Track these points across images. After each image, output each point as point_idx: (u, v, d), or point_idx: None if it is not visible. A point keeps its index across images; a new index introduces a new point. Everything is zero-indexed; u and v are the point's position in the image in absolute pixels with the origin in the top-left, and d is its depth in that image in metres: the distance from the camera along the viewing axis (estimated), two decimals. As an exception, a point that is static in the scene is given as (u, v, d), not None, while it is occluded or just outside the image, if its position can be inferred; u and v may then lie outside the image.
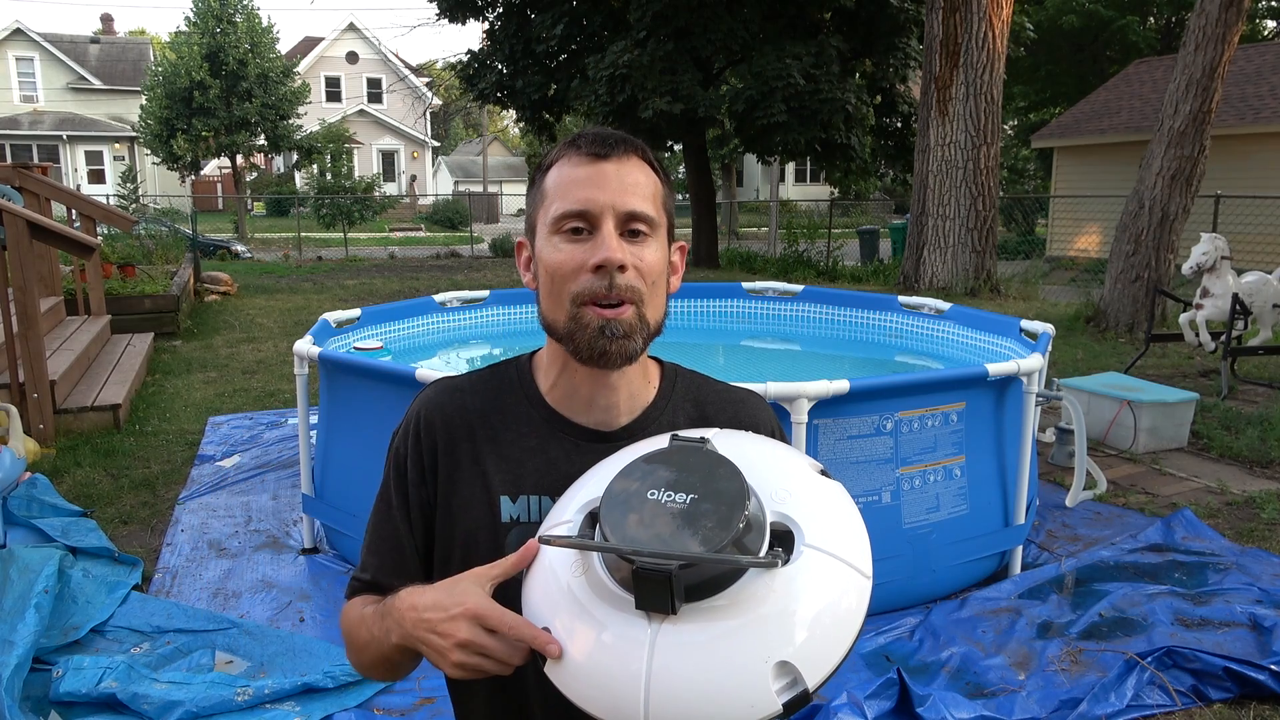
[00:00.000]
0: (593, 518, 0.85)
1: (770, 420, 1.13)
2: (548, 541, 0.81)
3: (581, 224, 0.97)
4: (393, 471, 1.09)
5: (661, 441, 0.88)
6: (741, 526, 0.76)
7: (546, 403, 1.07)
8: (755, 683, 0.74)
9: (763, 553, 0.77)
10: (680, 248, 1.09)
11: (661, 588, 0.74)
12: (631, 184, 0.98)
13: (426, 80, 37.16)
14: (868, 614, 0.80)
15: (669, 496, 0.79)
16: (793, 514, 0.81)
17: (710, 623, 0.76)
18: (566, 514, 0.89)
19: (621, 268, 0.96)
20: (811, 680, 0.75)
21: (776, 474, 0.85)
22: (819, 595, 0.77)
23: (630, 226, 0.98)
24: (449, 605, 0.87)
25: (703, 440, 0.86)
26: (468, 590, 0.87)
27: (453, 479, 1.06)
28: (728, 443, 0.89)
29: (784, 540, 0.80)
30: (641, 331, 0.99)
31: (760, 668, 0.74)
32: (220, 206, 34.41)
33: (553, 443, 1.05)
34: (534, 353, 1.13)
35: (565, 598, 0.83)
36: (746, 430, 1.09)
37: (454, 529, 1.06)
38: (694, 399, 1.11)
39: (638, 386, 1.07)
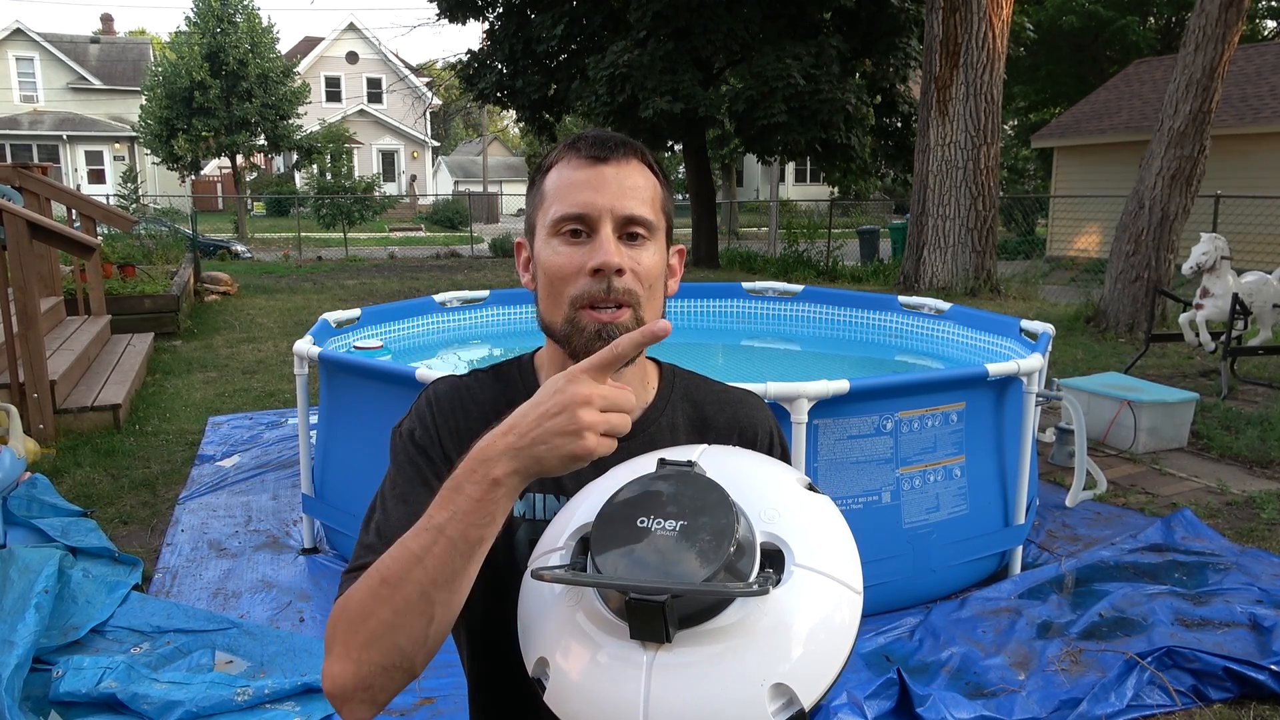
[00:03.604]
0: (585, 543, 0.85)
1: (768, 420, 1.13)
2: (540, 576, 0.81)
3: (580, 227, 0.98)
4: (411, 453, 1.03)
5: (650, 464, 0.88)
6: (732, 552, 0.77)
7: None
8: (752, 706, 0.75)
9: (754, 574, 0.78)
10: (678, 251, 1.09)
11: (655, 618, 0.75)
12: (630, 187, 0.98)
13: (426, 80, 37.16)
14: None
15: (659, 524, 0.80)
16: (782, 533, 0.82)
17: (705, 647, 0.77)
18: (559, 541, 0.89)
19: (619, 272, 0.96)
20: (807, 700, 0.76)
21: (764, 492, 0.86)
22: (811, 615, 0.78)
23: (628, 230, 0.98)
24: (563, 395, 0.83)
25: (690, 463, 0.87)
26: (568, 385, 0.84)
27: None
28: (715, 461, 0.90)
29: (774, 560, 0.81)
30: None
31: (756, 690, 0.75)
32: (220, 206, 34.41)
33: None
34: (535, 352, 1.13)
35: (561, 626, 0.83)
36: (745, 430, 1.10)
37: None
38: (692, 400, 1.11)
39: (636, 388, 1.07)
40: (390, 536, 0.91)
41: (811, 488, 0.89)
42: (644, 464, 0.90)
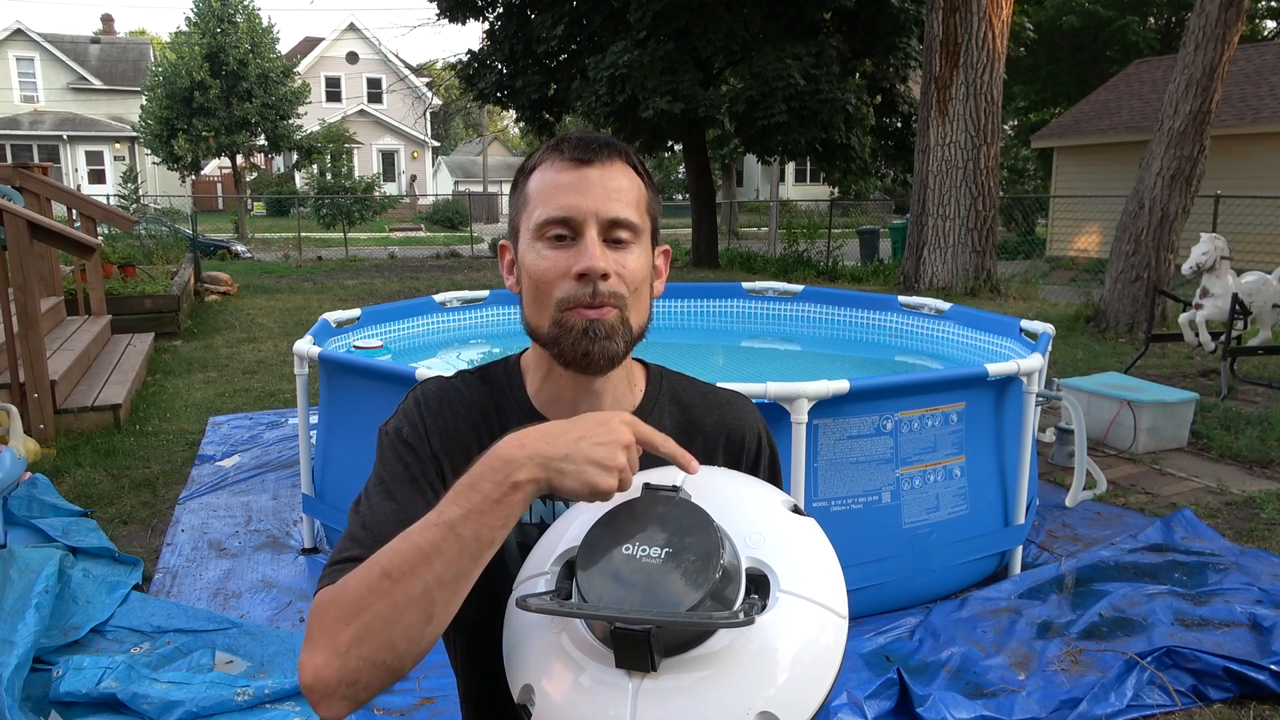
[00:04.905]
0: (570, 567, 0.85)
1: (756, 421, 1.12)
2: (525, 606, 0.81)
3: (564, 231, 0.97)
4: (400, 450, 1.02)
5: (634, 489, 0.88)
6: (717, 579, 0.77)
7: (534, 406, 1.07)
8: None
9: (739, 601, 0.78)
10: (664, 251, 1.08)
11: (640, 648, 0.75)
12: (615, 190, 0.98)
13: (426, 80, 37.17)
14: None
15: (644, 551, 0.80)
16: (767, 559, 0.82)
17: (691, 674, 0.77)
18: (544, 565, 0.89)
19: (604, 276, 0.96)
20: None
21: (750, 516, 0.86)
22: (796, 641, 0.78)
23: (613, 233, 0.97)
24: (609, 428, 0.85)
25: (675, 488, 0.87)
26: (620, 425, 0.86)
27: (461, 469, 1.05)
28: (699, 484, 0.90)
29: (760, 585, 0.81)
30: (624, 334, 0.99)
31: (742, 719, 0.75)
32: (220, 206, 34.41)
33: None
34: (521, 353, 1.12)
35: (546, 652, 0.83)
36: (733, 433, 1.10)
37: None
38: (679, 402, 1.11)
39: (622, 391, 1.07)
40: (375, 531, 0.90)
41: (796, 509, 0.89)
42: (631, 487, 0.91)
